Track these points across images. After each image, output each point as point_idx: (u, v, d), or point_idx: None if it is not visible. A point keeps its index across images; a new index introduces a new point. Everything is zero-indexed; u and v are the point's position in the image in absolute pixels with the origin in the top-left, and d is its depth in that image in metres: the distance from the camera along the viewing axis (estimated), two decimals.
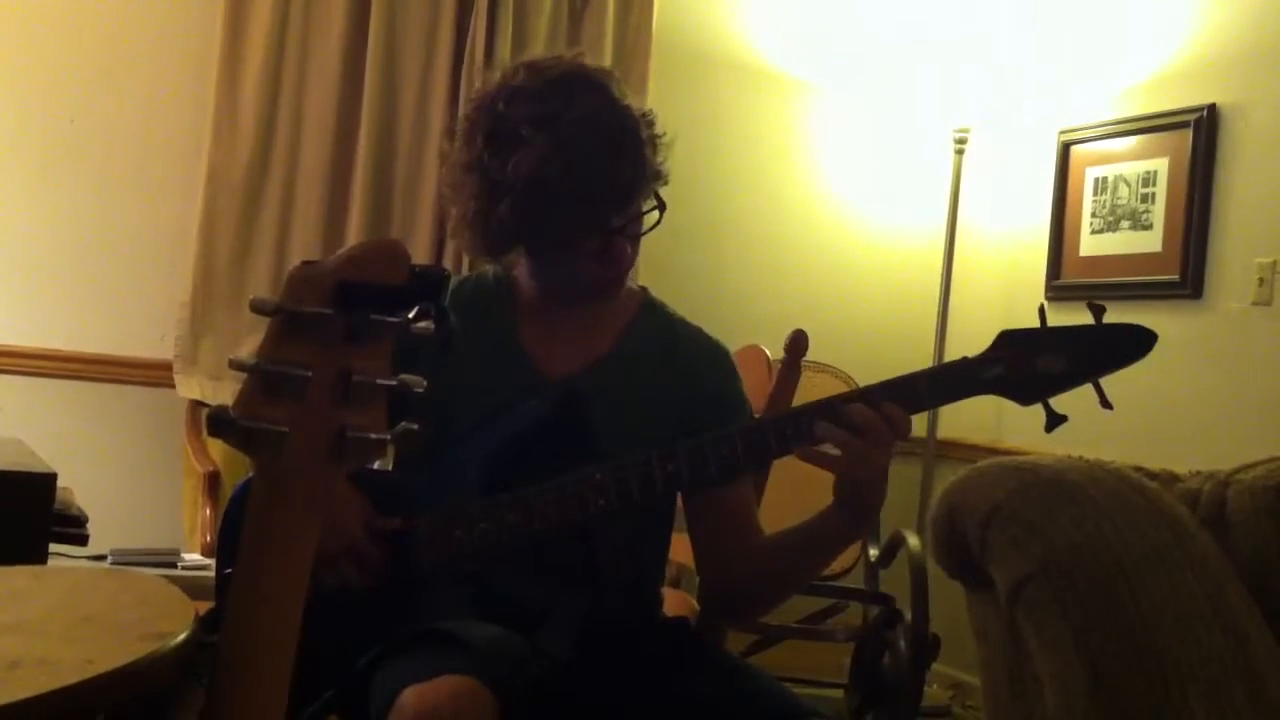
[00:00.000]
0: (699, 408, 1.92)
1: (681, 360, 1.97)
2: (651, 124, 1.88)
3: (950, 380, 1.76)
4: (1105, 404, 1.71)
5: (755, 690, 1.77)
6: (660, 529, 2.00)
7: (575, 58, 1.92)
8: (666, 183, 1.90)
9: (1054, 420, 1.71)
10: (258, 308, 0.94)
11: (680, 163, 1.94)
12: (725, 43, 4.44)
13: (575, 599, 1.82)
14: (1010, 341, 1.74)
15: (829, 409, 1.74)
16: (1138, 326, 1.71)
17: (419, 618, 1.75)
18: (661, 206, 1.90)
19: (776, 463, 1.93)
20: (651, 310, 2.02)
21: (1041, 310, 1.74)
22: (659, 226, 1.94)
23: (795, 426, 1.74)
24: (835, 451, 1.72)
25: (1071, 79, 4.29)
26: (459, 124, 1.94)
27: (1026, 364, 1.72)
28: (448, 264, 3.90)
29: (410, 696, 1.53)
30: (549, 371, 1.94)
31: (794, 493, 2.16)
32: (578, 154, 1.78)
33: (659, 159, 1.88)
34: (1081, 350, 1.72)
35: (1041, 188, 4.35)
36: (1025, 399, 1.73)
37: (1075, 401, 1.78)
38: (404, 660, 1.63)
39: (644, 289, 2.06)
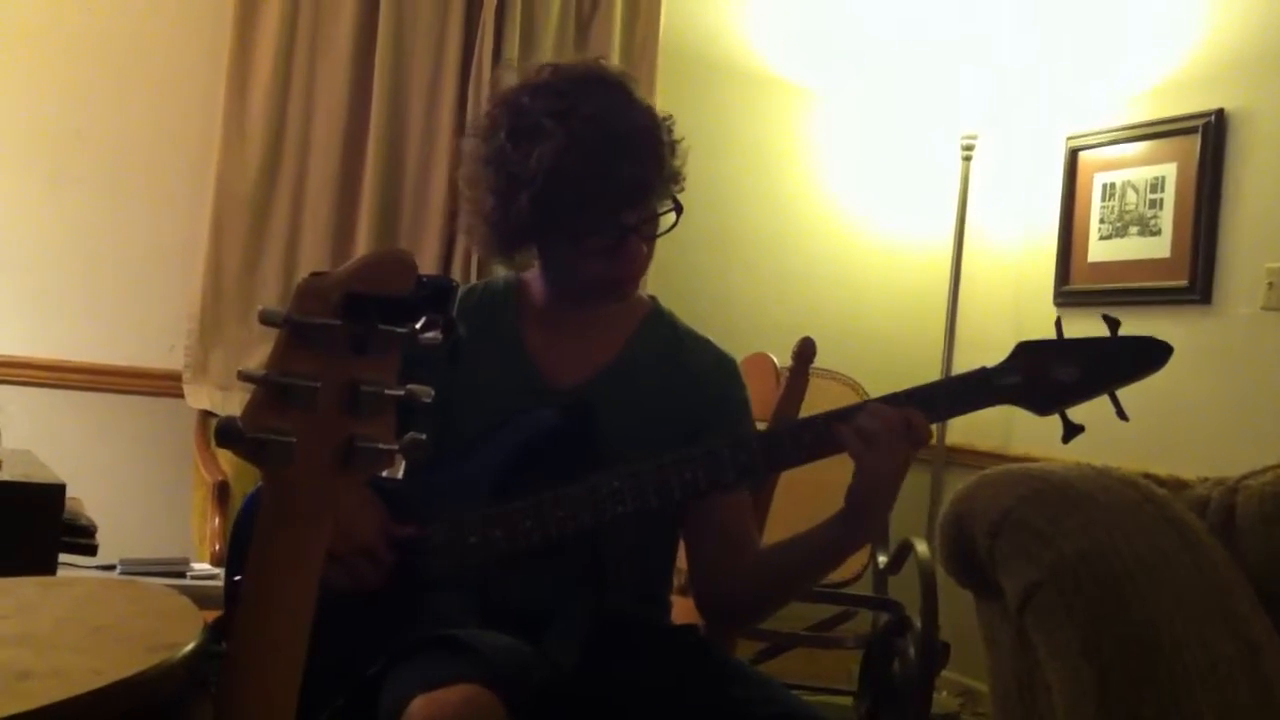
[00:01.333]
0: (704, 416, 1.93)
1: (687, 368, 1.98)
2: (670, 128, 1.90)
3: (967, 390, 1.77)
4: (1121, 415, 1.73)
5: (763, 697, 1.77)
6: (668, 532, 2.01)
7: (597, 59, 1.96)
8: (683, 188, 1.92)
9: (1071, 431, 1.72)
10: (266, 319, 0.94)
11: (687, 169, 1.95)
12: (732, 50, 4.44)
13: (582, 606, 1.82)
14: (1027, 352, 1.76)
15: (845, 416, 1.74)
16: (1154, 339, 1.73)
17: (428, 624, 1.75)
18: (678, 209, 1.91)
19: (786, 472, 1.94)
20: (658, 319, 2.03)
21: (1058, 322, 1.76)
22: (672, 230, 1.95)
23: (813, 433, 1.75)
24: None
25: (1079, 85, 4.29)
26: (480, 120, 1.96)
27: (1043, 374, 1.73)
28: (456, 274, 3.90)
29: (420, 705, 1.53)
30: (555, 379, 1.95)
31: (802, 502, 2.16)
32: (594, 148, 1.81)
33: (676, 162, 1.89)
34: (1098, 362, 1.73)
35: (1049, 194, 4.35)
36: (1042, 409, 1.74)
37: (1085, 407, 1.78)
38: (413, 667, 1.64)
39: (652, 298, 2.07)
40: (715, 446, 1.79)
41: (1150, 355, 1.74)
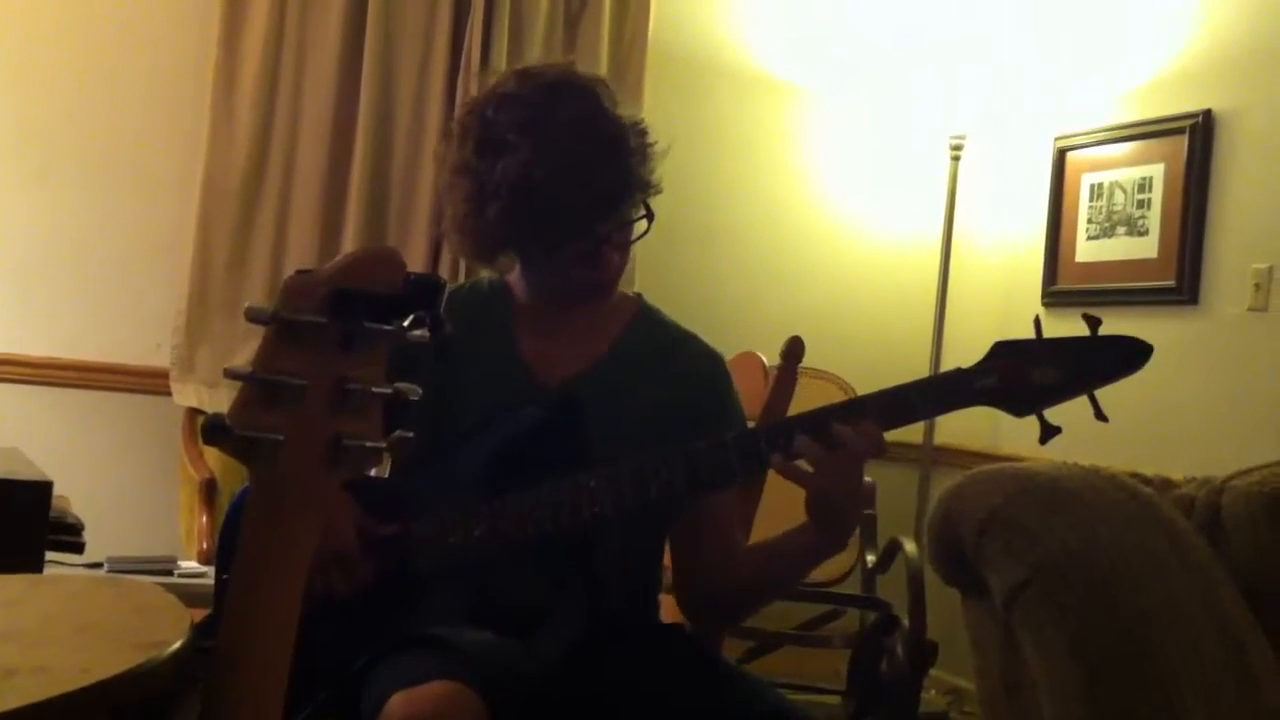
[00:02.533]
0: (692, 413, 1.93)
1: (676, 365, 1.98)
2: (642, 133, 1.88)
3: (943, 391, 1.76)
4: (1100, 416, 1.71)
5: (751, 696, 1.77)
6: (658, 531, 2.00)
7: (568, 65, 1.94)
8: (658, 192, 1.90)
9: (1048, 432, 1.70)
10: (253, 316, 0.94)
11: (676, 169, 1.94)
12: (721, 49, 4.44)
13: (570, 606, 1.82)
14: (1004, 352, 1.73)
15: (819, 420, 1.74)
16: (1133, 339, 1.71)
17: (413, 622, 1.75)
18: (650, 216, 1.90)
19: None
20: (646, 316, 2.03)
21: (1037, 321, 1.73)
22: (651, 235, 1.94)
23: (787, 435, 1.75)
24: (808, 467, 1.73)
25: (1068, 85, 4.30)
26: (453, 127, 1.95)
27: (1021, 375, 1.71)
28: (444, 272, 3.90)
29: (398, 701, 1.53)
30: (545, 377, 1.94)
31: (792, 497, 2.15)
32: (562, 159, 1.80)
33: (648, 168, 1.88)
34: (1076, 362, 1.71)
35: (1038, 194, 4.36)
36: (1019, 410, 1.72)
37: (1071, 407, 1.78)
38: (394, 665, 1.63)
39: (639, 295, 2.07)
40: (694, 448, 1.78)
41: (1129, 355, 1.72)
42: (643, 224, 1.91)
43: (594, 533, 1.82)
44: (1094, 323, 1.69)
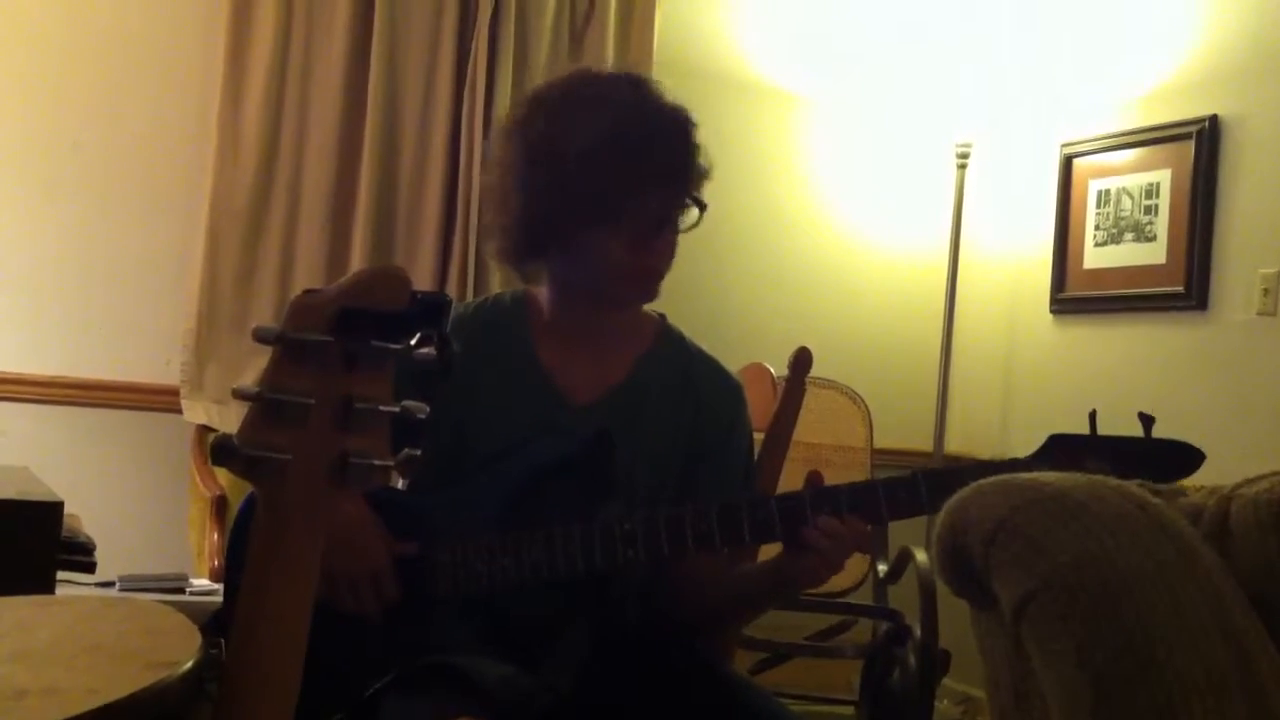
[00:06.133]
0: (710, 441, 1.94)
1: (697, 391, 1.97)
2: (697, 130, 1.93)
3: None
4: None
5: (756, 710, 1.77)
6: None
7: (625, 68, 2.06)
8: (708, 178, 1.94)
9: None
10: (260, 337, 0.95)
11: None
12: (726, 59, 4.45)
13: (582, 625, 1.82)
14: (1060, 445, 1.78)
15: (866, 496, 1.77)
16: (1186, 445, 1.76)
17: (428, 641, 1.75)
18: (702, 206, 1.91)
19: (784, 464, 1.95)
20: (668, 337, 2.02)
21: (1092, 416, 1.77)
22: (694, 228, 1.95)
23: (833, 503, 1.76)
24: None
25: (1073, 91, 4.30)
26: (515, 114, 1.94)
27: (1074, 469, 1.74)
28: (451, 289, 3.91)
29: None
30: (571, 395, 1.93)
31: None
32: (635, 122, 1.83)
33: (701, 164, 1.91)
34: (1129, 462, 1.75)
35: (1044, 201, 4.36)
36: None
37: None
38: (412, 698, 1.63)
39: (661, 316, 2.06)
40: (737, 503, 1.80)
41: (1183, 461, 1.76)
42: (694, 213, 1.90)
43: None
44: (1148, 422, 1.72)
